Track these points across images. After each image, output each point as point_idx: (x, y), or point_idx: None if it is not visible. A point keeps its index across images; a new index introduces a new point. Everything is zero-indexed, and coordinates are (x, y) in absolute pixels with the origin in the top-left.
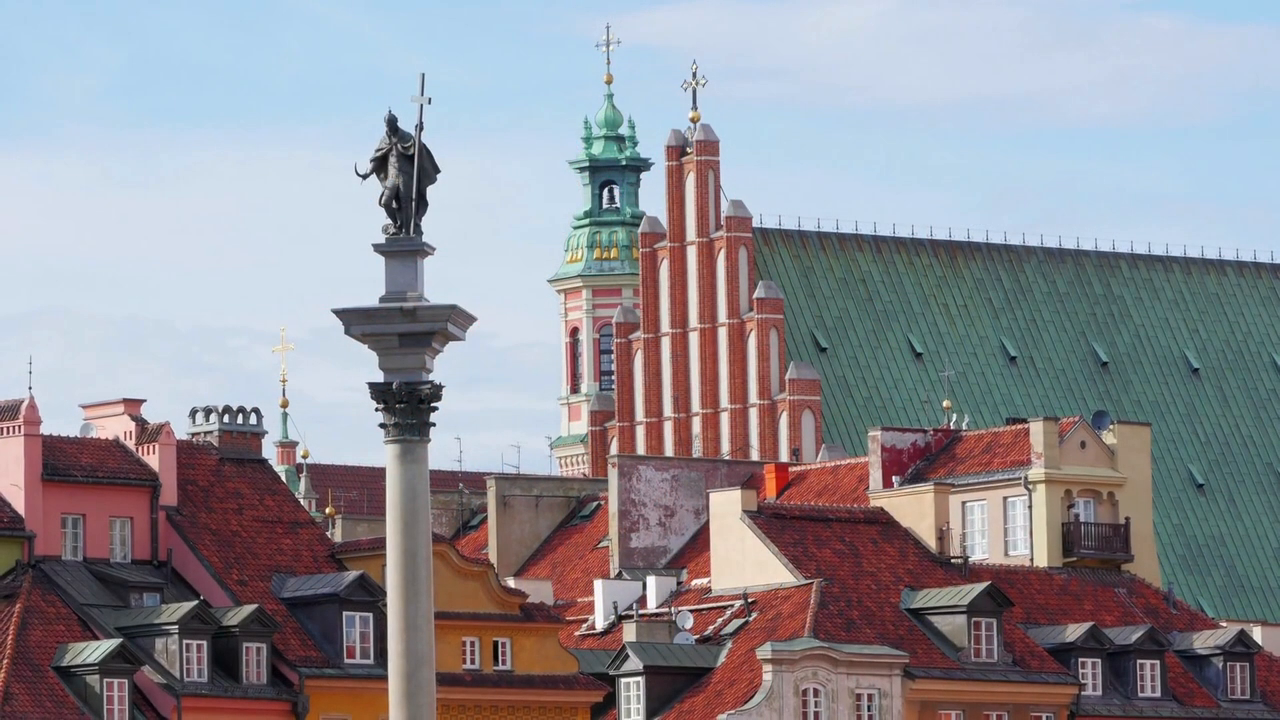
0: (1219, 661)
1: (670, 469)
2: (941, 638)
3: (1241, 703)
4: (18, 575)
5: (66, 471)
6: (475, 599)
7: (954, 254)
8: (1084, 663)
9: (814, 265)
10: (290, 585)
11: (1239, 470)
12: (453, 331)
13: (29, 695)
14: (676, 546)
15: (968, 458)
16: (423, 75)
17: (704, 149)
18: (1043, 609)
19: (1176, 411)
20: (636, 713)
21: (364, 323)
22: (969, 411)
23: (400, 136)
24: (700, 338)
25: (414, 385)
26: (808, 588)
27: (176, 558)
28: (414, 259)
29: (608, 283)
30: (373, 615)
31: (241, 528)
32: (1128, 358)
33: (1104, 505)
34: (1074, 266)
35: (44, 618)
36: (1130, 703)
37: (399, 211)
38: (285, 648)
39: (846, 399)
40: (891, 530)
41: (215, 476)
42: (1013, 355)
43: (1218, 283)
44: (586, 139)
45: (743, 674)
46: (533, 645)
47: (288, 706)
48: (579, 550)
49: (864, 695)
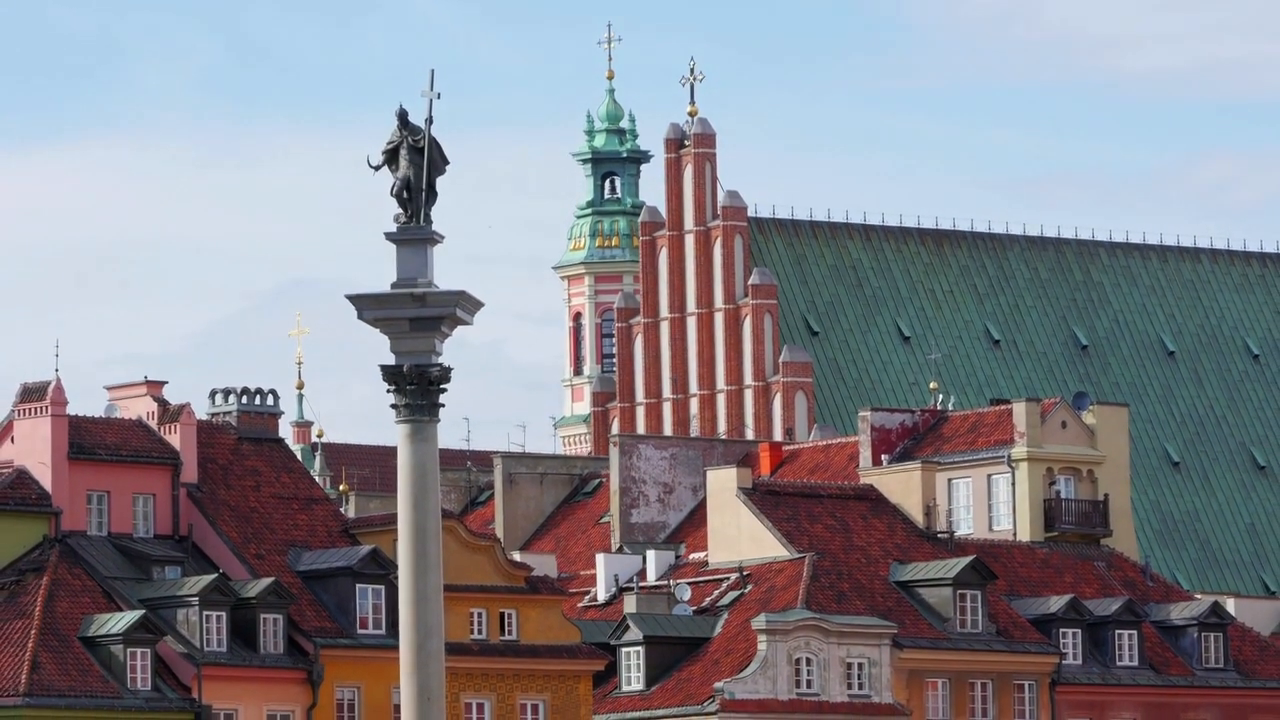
0: (1194, 632)
1: (669, 448)
2: (928, 609)
3: (1215, 671)
4: (45, 549)
5: (92, 450)
6: (482, 572)
7: (940, 242)
8: (1064, 633)
9: (806, 253)
10: (306, 559)
11: (1213, 449)
12: (461, 316)
13: (56, 664)
14: (675, 522)
15: (953, 437)
16: (432, 71)
17: (701, 142)
18: (1025, 582)
19: (1153, 393)
20: (637, 681)
21: (376, 308)
22: (954, 393)
23: (411, 130)
24: (698, 322)
25: (424, 368)
26: (800, 561)
27: (197, 532)
28: (424, 247)
29: (609, 269)
30: (384, 588)
31: (259, 504)
32: (1106, 341)
33: (1084, 482)
34: (1055, 254)
35: (70, 590)
36: (1109, 671)
37: (409, 201)
38: (301, 619)
39: (837, 381)
40: (880, 506)
41: (234, 455)
42: (996, 339)
43: (1193, 270)
44: (589, 132)
45: (738, 644)
46: (537, 616)
47: (303, 675)
48: (582, 525)
49: (854, 664)
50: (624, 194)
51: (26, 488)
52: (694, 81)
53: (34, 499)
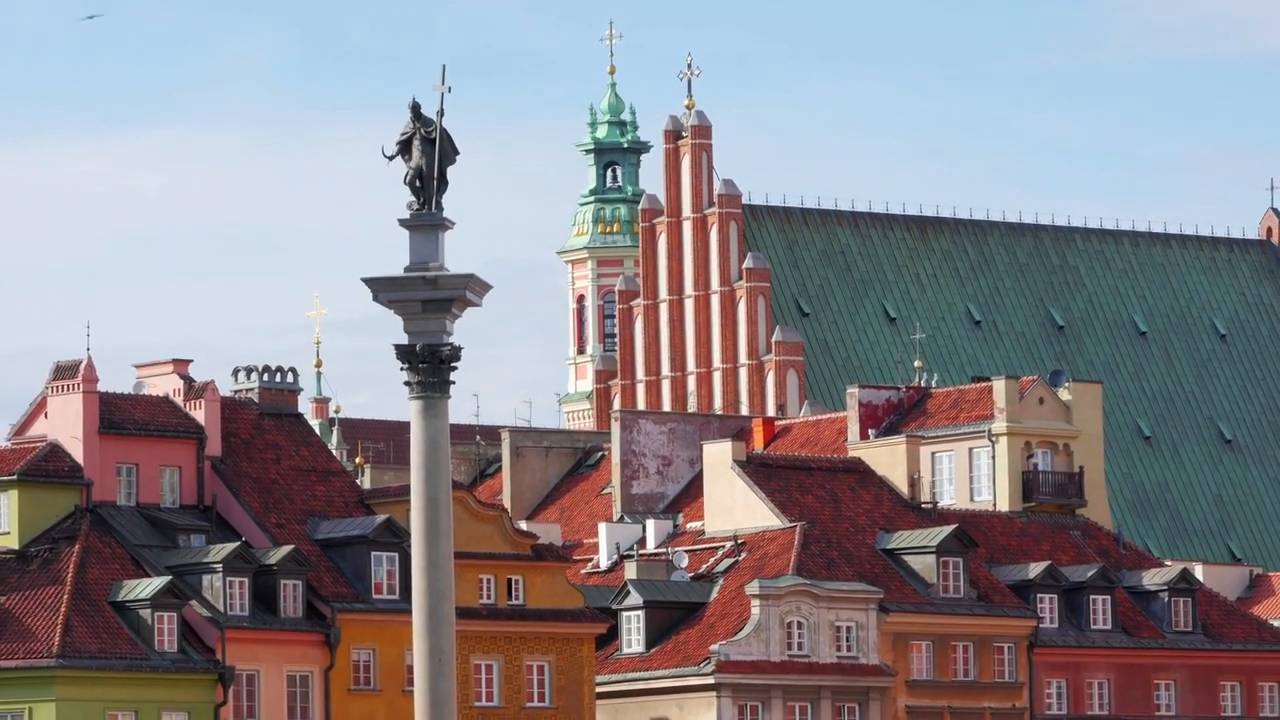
0: (1164, 597)
1: (667, 423)
2: (913, 575)
3: (1184, 634)
4: (77, 519)
5: (121, 425)
6: (491, 540)
7: (924, 228)
8: (1042, 598)
9: (798, 238)
10: (323, 528)
11: (1182, 424)
12: (470, 298)
13: (87, 627)
14: (673, 493)
15: (937, 412)
16: (444, 66)
17: (698, 133)
18: (1004, 549)
19: (1125, 371)
20: (637, 643)
21: (390, 290)
22: (938, 370)
23: (423, 122)
24: (695, 304)
25: (435, 347)
26: (792, 530)
27: (220, 503)
28: (435, 232)
29: (611, 254)
30: (398, 555)
31: (279, 476)
32: (1081, 322)
33: (1060, 455)
34: (1033, 239)
35: (101, 557)
36: (1083, 634)
37: (422, 190)
38: (319, 584)
39: (827, 359)
40: (868, 478)
41: (255, 430)
42: (977, 320)
43: (1163, 254)
44: (592, 124)
45: (733, 608)
46: (543, 582)
47: (321, 638)
48: (585, 496)
49: (843, 627)
50: (625, 183)
51: (59, 460)
52: (691, 76)
53: (66, 471)
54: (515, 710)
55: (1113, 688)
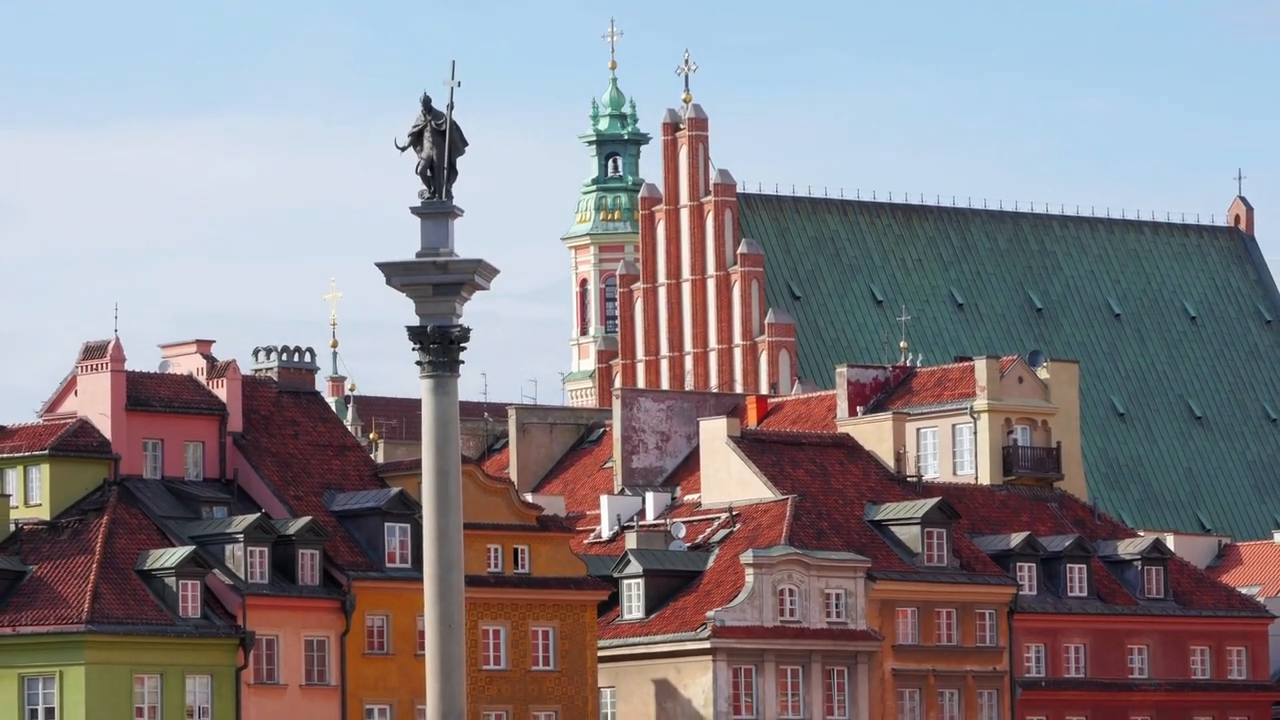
0: (1137, 565)
1: (666, 400)
2: (899, 545)
3: (1156, 601)
4: (105, 492)
5: (147, 402)
6: (498, 512)
7: (909, 216)
8: (1021, 567)
9: (790, 225)
10: (339, 500)
11: (1154, 401)
12: (479, 282)
13: (115, 594)
14: (671, 467)
15: (921, 390)
16: (453, 62)
17: (695, 126)
18: (986, 520)
19: (1101, 351)
20: (637, 610)
21: (403, 274)
22: (922, 351)
23: (434, 114)
24: (692, 288)
25: (445, 328)
26: (784, 502)
27: (241, 476)
28: (445, 220)
29: (612, 240)
30: (410, 526)
31: (297, 450)
32: (1059, 305)
33: (1038, 431)
34: (1012, 226)
35: (127, 528)
36: (1061, 601)
37: (432, 179)
38: (335, 554)
39: (817, 340)
40: (856, 453)
41: (275, 407)
42: (960, 302)
43: (1136, 241)
44: (594, 117)
45: (728, 576)
46: (547, 552)
47: (337, 604)
48: (587, 470)
49: (832, 595)
50: (625, 172)
51: (89, 436)
52: (689, 71)
53: (95, 446)
54: (521, 673)
55: (1088, 652)
